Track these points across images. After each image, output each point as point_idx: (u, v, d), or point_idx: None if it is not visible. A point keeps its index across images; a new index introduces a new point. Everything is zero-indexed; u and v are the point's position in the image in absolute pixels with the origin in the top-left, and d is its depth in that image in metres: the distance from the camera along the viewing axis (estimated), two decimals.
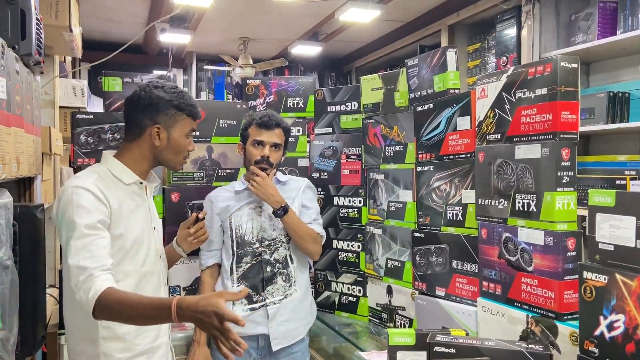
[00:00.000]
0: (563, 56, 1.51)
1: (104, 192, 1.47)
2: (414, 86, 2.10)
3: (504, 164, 1.65)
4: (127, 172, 1.57)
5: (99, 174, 1.52)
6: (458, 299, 1.87)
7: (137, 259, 1.55)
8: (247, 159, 2.07)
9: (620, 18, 2.89)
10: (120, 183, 1.55)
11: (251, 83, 2.53)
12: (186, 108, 1.60)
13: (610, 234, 1.26)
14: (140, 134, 1.58)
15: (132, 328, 1.51)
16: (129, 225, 1.52)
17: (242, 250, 2.04)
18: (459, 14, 4.08)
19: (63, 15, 2.13)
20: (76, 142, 2.15)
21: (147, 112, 1.56)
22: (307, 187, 2.19)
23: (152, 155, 1.60)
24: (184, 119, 1.60)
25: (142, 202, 1.62)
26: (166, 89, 1.59)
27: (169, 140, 1.59)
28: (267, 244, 2.05)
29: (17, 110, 1.47)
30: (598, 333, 1.28)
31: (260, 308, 2.01)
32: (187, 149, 1.64)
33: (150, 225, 1.64)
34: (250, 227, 2.05)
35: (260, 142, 2.03)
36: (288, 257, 2.07)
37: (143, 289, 1.56)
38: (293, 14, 4.49)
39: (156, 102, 1.56)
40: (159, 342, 1.61)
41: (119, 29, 5.00)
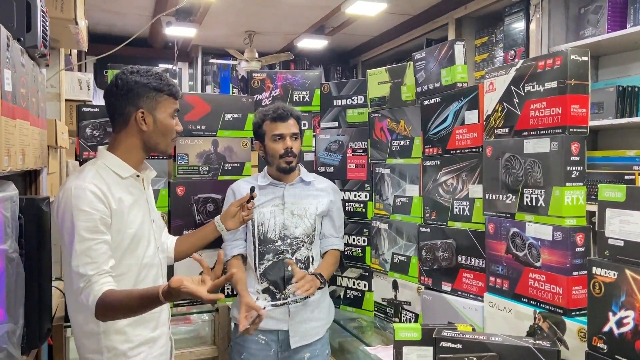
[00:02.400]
0: (573, 49, 1.49)
1: (102, 189, 1.48)
2: (421, 80, 2.08)
3: (512, 159, 1.64)
4: (123, 165, 1.57)
5: (96, 170, 1.53)
6: (464, 294, 1.86)
7: (137, 253, 1.57)
8: (271, 155, 2.07)
9: (630, 11, 2.86)
10: (118, 177, 1.56)
11: (257, 77, 2.51)
12: (165, 88, 1.59)
13: (620, 229, 1.24)
14: (126, 122, 1.57)
15: (130, 320, 1.54)
16: (128, 219, 1.54)
17: (264, 248, 2.05)
18: (466, 7, 4.05)
19: (68, 7, 2.12)
20: (82, 135, 2.15)
21: (128, 98, 1.56)
22: (336, 193, 2.22)
23: (141, 142, 1.59)
24: (166, 99, 1.60)
25: (140, 195, 1.63)
26: (142, 73, 1.58)
27: (155, 123, 1.58)
28: (289, 242, 2.05)
29: (23, 103, 1.47)
30: (607, 329, 1.26)
31: (282, 305, 2.02)
32: (174, 130, 1.63)
33: (149, 217, 1.65)
34: (273, 225, 2.06)
35: (280, 136, 2.04)
36: (310, 257, 2.08)
37: (144, 280, 1.58)
38: (299, 7, 4.47)
39: (135, 87, 1.55)
40: (158, 332, 1.64)
41: (125, 22, 5.00)
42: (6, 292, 1.34)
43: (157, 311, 1.62)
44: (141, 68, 1.60)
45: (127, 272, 1.54)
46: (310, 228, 2.08)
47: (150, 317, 1.60)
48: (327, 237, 2.17)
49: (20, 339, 1.42)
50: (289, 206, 2.07)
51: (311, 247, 2.09)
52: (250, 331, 1.87)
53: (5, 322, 1.34)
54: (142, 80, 1.56)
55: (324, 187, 2.17)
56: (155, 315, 1.62)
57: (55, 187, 2.32)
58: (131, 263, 1.55)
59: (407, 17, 4.79)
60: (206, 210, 2.30)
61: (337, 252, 2.19)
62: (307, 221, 2.08)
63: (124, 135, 1.59)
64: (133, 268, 1.56)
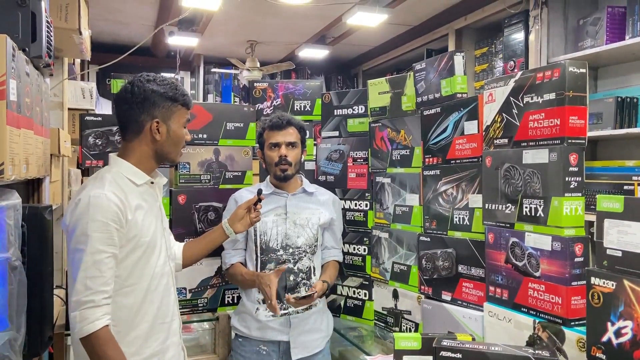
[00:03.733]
0: (571, 61, 1.51)
1: (120, 197, 1.46)
2: (421, 90, 2.10)
3: (511, 169, 1.65)
4: (138, 172, 1.56)
5: (113, 178, 1.51)
6: (464, 304, 1.86)
7: (151, 261, 1.56)
8: (268, 163, 2.10)
9: (628, 23, 2.88)
10: (133, 185, 1.54)
11: (258, 86, 2.53)
12: (180, 98, 1.59)
13: (618, 240, 1.25)
14: (139, 130, 1.56)
15: (141, 332, 1.52)
16: (143, 228, 1.52)
17: (266, 257, 2.05)
18: (466, 18, 4.08)
19: (73, 17, 2.15)
20: (84, 144, 2.16)
21: (143, 107, 1.54)
22: (337, 206, 2.24)
23: (153, 151, 1.58)
24: (180, 109, 1.59)
25: (154, 202, 1.62)
26: (158, 82, 1.57)
27: (169, 132, 1.58)
28: (291, 252, 2.05)
29: (27, 112, 1.49)
30: (605, 339, 1.27)
31: (282, 316, 2.02)
32: (184, 140, 1.63)
33: (162, 225, 1.65)
34: (275, 234, 2.06)
35: (275, 144, 2.06)
36: (312, 268, 2.08)
37: (155, 290, 1.57)
38: (300, 17, 4.50)
39: (151, 96, 1.54)
40: (169, 342, 1.61)
41: (128, 31, 5.03)
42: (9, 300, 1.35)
43: (169, 321, 1.61)
44: (157, 76, 1.59)
45: (138, 283, 1.52)
46: (313, 238, 2.09)
47: (161, 327, 1.58)
48: (329, 248, 2.19)
49: (22, 347, 1.43)
50: (291, 216, 2.08)
51: (313, 258, 2.09)
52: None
53: (7, 330, 1.35)
54: (159, 90, 1.55)
55: (326, 199, 2.18)
56: (166, 326, 1.61)
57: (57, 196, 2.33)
58: (144, 273, 1.53)
59: (408, 27, 4.83)
60: (207, 218, 2.31)
61: (337, 264, 2.22)
62: (309, 231, 2.08)
63: (136, 144, 1.57)
64: (145, 278, 1.54)
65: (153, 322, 1.56)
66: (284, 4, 3.92)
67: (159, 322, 1.58)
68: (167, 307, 1.61)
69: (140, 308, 1.53)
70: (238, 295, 2.37)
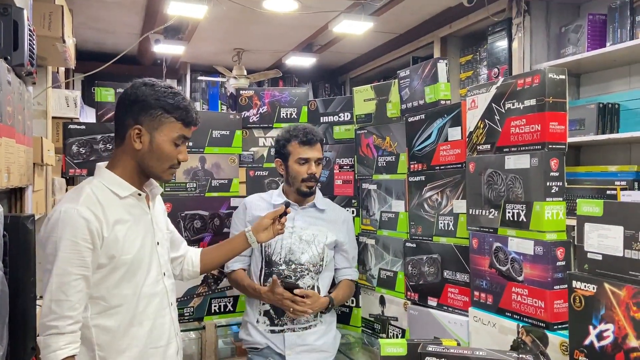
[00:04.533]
0: (551, 67, 1.53)
1: (96, 213, 1.36)
2: (405, 97, 2.11)
3: (494, 174, 1.67)
4: (122, 184, 1.45)
5: (91, 190, 1.40)
6: (450, 309, 1.87)
7: (135, 281, 1.44)
8: (293, 176, 2.05)
9: (609, 30, 2.93)
10: (116, 197, 1.43)
11: (245, 94, 2.54)
12: (174, 111, 1.43)
13: (598, 244, 1.27)
14: (123, 136, 1.44)
15: (130, 357, 1.43)
16: (125, 245, 1.41)
17: (269, 270, 2.03)
18: (451, 26, 4.12)
19: (56, 26, 2.14)
20: (68, 153, 2.15)
21: (131, 110, 1.42)
22: (349, 224, 2.20)
23: (135, 161, 1.45)
24: (172, 122, 1.44)
25: (143, 216, 1.50)
26: (156, 87, 1.43)
27: (151, 144, 1.43)
28: (293, 268, 2.02)
29: (9, 121, 1.47)
30: (588, 343, 1.28)
31: (279, 332, 2.00)
32: (175, 158, 1.48)
33: (153, 240, 1.51)
34: (279, 248, 2.03)
35: (306, 160, 2.03)
36: (316, 287, 2.04)
37: (144, 312, 1.46)
38: (287, 26, 4.52)
39: (141, 99, 1.41)
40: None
41: (113, 39, 5.01)
42: None
43: (164, 345, 1.51)
44: (159, 82, 1.46)
45: (123, 304, 1.42)
46: (318, 257, 2.04)
47: (153, 352, 1.48)
48: (341, 269, 2.17)
49: (3, 358, 1.41)
50: (298, 231, 2.05)
51: (317, 277, 2.04)
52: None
53: None
54: (152, 95, 1.42)
55: (335, 219, 2.14)
56: (161, 351, 1.50)
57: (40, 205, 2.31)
58: (128, 293, 1.43)
59: (394, 35, 4.87)
60: (193, 227, 2.30)
61: (351, 282, 2.19)
62: (314, 248, 2.05)
63: (120, 151, 1.46)
64: (130, 299, 1.43)
65: (144, 346, 1.45)
66: (270, 13, 3.94)
67: (150, 346, 1.47)
68: (160, 329, 1.50)
69: (127, 331, 1.43)
70: (225, 304, 2.36)
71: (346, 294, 2.17)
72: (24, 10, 1.62)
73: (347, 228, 2.18)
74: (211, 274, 2.32)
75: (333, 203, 2.26)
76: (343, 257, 2.16)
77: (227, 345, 2.51)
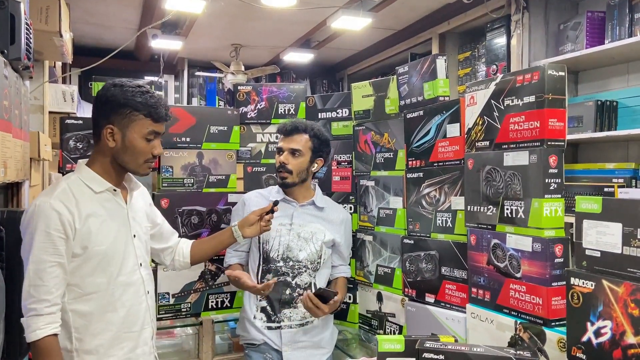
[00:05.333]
0: (550, 64, 1.53)
1: (68, 206, 1.44)
2: (404, 93, 2.11)
3: (492, 171, 1.66)
4: (97, 179, 1.53)
5: (67, 185, 1.49)
6: (447, 306, 1.87)
7: (110, 270, 1.52)
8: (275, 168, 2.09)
9: (608, 27, 2.93)
10: (91, 191, 1.51)
11: (242, 89, 2.53)
12: (142, 108, 1.51)
13: (597, 241, 1.27)
14: (99, 135, 1.53)
15: (104, 341, 1.51)
16: (98, 237, 1.49)
17: (266, 267, 2.03)
18: (449, 22, 4.11)
19: (53, 20, 2.13)
20: (65, 148, 2.14)
21: (103, 110, 1.51)
22: (347, 225, 2.20)
23: (111, 158, 1.54)
24: (141, 119, 1.51)
25: (118, 210, 1.57)
26: (125, 87, 1.51)
27: (124, 141, 1.51)
28: (290, 265, 2.02)
29: (5, 115, 1.47)
30: (585, 339, 1.28)
31: (275, 329, 2.00)
32: (149, 153, 1.55)
33: (129, 233, 1.59)
34: (277, 245, 2.03)
35: (280, 149, 2.05)
36: (312, 285, 2.04)
37: (120, 299, 1.54)
38: (285, 21, 4.50)
39: (111, 100, 1.49)
40: (139, 351, 1.59)
41: (111, 34, 4.99)
42: None
43: (138, 330, 1.58)
44: (127, 82, 1.53)
45: (97, 291, 1.50)
46: (316, 254, 2.04)
47: (127, 337, 1.56)
48: (336, 266, 2.18)
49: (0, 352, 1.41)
50: (296, 228, 2.04)
51: (315, 275, 2.05)
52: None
53: None
54: (121, 95, 1.49)
55: (334, 218, 2.14)
56: (135, 335, 1.58)
57: None
58: (102, 282, 1.51)
59: (392, 31, 4.86)
60: (191, 222, 2.30)
61: (345, 280, 2.20)
62: (312, 246, 2.04)
63: (97, 150, 1.56)
64: (104, 287, 1.51)
65: (118, 330, 1.54)
66: (268, 8, 3.92)
67: (124, 330, 1.55)
68: (135, 315, 1.58)
69: (101, 316, 1.51)
70: (222, 300, 2.36)
71: (345, 291, 2.20)
72: (20, 3, 1.61)
73: (345, 229, 2.18)
74: (208, 269, 2.32)
75: (333, 202, 2.25)
76: (338, 256, 2.18)
77: (224, 340, 2.51)
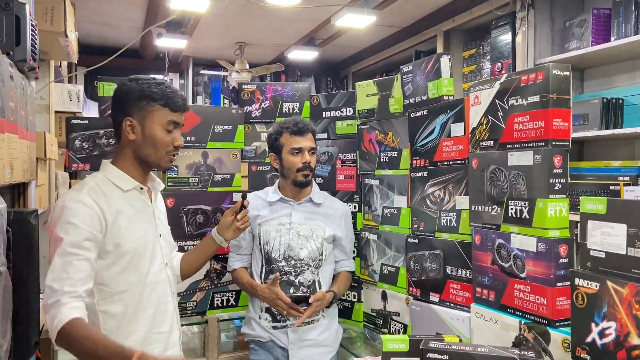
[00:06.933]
0: (555, 64, 1.52)
1: (99, 202, 1.43)
2: (408, 92, 2.11)
3: (497, 171, 1.66)
4: (125, 178, 1.53)
5: (95, 183, 1.49)
6: (452, 305, 1.87)
7: (140, 268, 1.51)
8: (288, 168, 2.06)
9: (614, 25, 2.91)
10: (119, 190, 1.51)
11: (247, 88, 2.53)
12: (159, 97, 1.50)
13: (601, 241, 1.27)
14: (119, 131, 1.53)
15: (135, 342, 1.47)
16: (128, 234, 1.48)
17: (269, 267, 2.04)
18: (454, 20, 4.10)
19: (58, 20, 2.13)
20: (71, 147, 2.15)
21: (120, 105, 1.52)
22: (347, 218, 2.21)
23: (133, 152, 1.53)
24: (159, 109, 1.51)
25: (145, 209, 1.57)
26: (140, 81, 1.52)
27: (144, 133, 1.51)
28: (292, 264, 2.03)
29: (11, 117, 1.48)
30: (590, 340, 1.28)
31: (282, 328, 2.02)
32: (170, 144, 1.54)
33: (156, 232, 1.59)
34: (278, 245, 2.04)
35: (299, 150, 2.04)
36: (316, 282, 2.05)
37: (149, 298, 1.52)
38: (289, 19, 4.50)
39: (128, 93, 1.50)
40: (169, 354, 1.57)
41: (116, 33, 5.01)
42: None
43: (167, 330, 1.57)
44: (142, 77, 1.54)
45: (128, 290, 1.48)
46: (317, 251, 2.06)
47: (157, 337, 1.54)
48: (339, 261, 2.19)
49: (7, 353, 1.42)
50: (296, 226, 2.05)
51: (317, 272, 2.06)
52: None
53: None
54: (137, 88, 1.50)
55: (333, 212, 2.15)
56: (164, 336, 1.56)
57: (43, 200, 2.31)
58: (133, 280, 1.49)
59: (396, 29, 4.85)
60: (196, 221, 2.31)
61: (348, 274, 2.21)
62: (313, 243, 2.06)
63: (120, 146, 1.55)
64: (135, 286, 1.50)
65: (148, 331, 1.52)
66: (272, 6, 3.92)
67: (154, 331, 1.53)
68: (163, 315, 1.57)
69: (132, 317, 1.49)
70: (227, 299, 2.37)
71: (346, 285, 2.21)
72: (25, 5, 1.61)
73: (345, 222, 2.19)
74: (214, 268, 2.33)
75: (331, 196, 2.25)
76: (340, 250, 2.19)
77: (229, 339, 2.52)
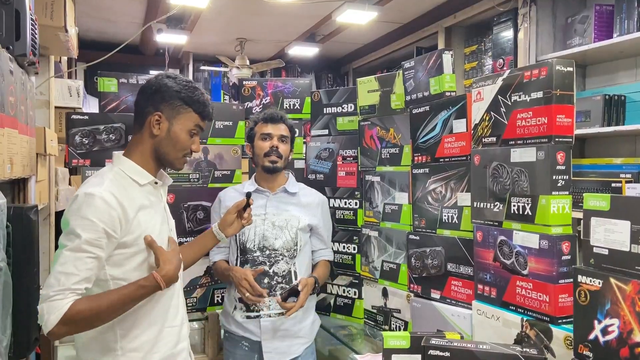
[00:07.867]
0: (559, 60, 1.51)
1: (120, 200, 1.40)
2: (410, 88, 2.10)
3: (499, 167, 1.65)
4: (140, 172, 1.51)
5: (114, 176, 1.45)
6: (453, 302, 1.87)
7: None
8: (257, 154, 2.07)
9: (616, 21, 2.90)
10: (136, 184, 1.49)
11: (247, 84, 2.52)
12: (193, 103, 1.53)
13: (604, 238, 1.26)
14: (142, 122, 1.51)
15: (150, 336, 1.47)
16: (146, 228, 1.47)
17: (244, 258, 2.03)
18: (455, 16, 4.09)
19: (58, 15, 2.12)
20: (71, 143, 2.14)
21: (152, 99, 1.51)
22: (324, 207, 2.20)
23: (152, 147, 1.52)
24: (189, 113, 1.53)
25: (158, 203, 1.57)
26: (177, 80, 1.53)
27: (169, 131, 1.51)
28: (267, 254, 2.02)
29: (11, 111, 1.47)
30: (592, 337, 1.28)
31: (255, 318, 2.00)
32: (189, 148, 1.56)
33: (168, 226, 1.60)
34: (252, 235, 2.03)
35: (268, 135, 2.05)
36: (292, 272, 2.04)
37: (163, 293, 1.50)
38: (290, 15, 4.49)
39: (163, 89, 1.50)
40: (180, 347, 1.57)
41: (116, 29, 4.99)
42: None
43: (178, 324, 1.57)
44: (180, 77, 1.55)
45: None
46: (292, 242, 2.05)
47: (170, 331, 1.53)
48: (317, 250, 2.18)
49: (7, 349, 1.41)
50: (270, 217, 2.05)
51: (293, 262, 2.04)
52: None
53: None
54: (174, 87, 1.51)
55: (309, 202, 2.14)
56: (176, 330, 1.56)
57: (44, 195, 2.31)
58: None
59: (397, 25, 4.83)
60: (196, 217, 2.30)
61: (327, 262, 2.21)
62: (287, 233, 2.05)
63: (138, 138, 1.53)
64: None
65: (162, 325, 1.51)
66: (273, 2, 3.91)
67: (167, 325, 1.53)
68: (175, 309, 1.57)
69: (146, 312, 1.48)
70: None
71: (325, 274, 2.19)
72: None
73: (322, 211, 2.18)
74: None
75: (307, 187, 2.23)
76: (318, 240, 2.18)
77: None
